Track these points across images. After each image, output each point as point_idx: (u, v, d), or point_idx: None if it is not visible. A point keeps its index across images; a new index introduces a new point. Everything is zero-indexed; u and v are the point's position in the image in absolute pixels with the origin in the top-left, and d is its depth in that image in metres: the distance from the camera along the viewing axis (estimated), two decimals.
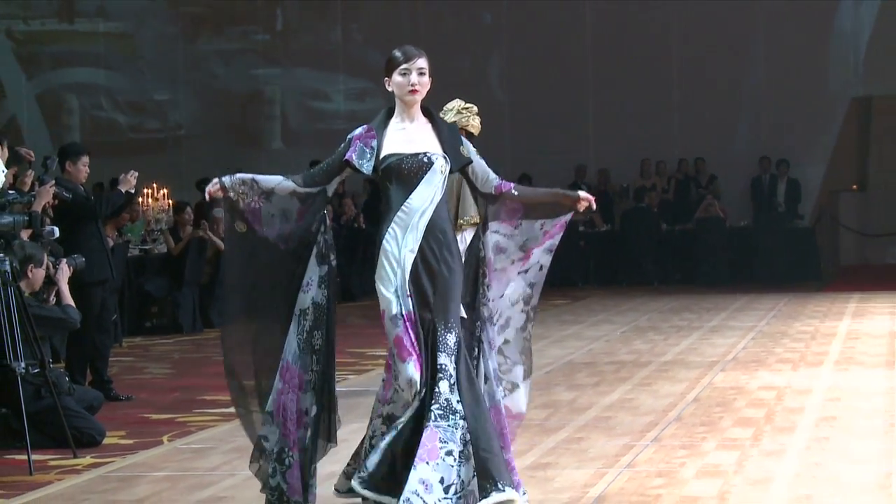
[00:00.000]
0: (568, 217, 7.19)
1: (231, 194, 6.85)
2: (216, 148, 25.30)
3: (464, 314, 7.13)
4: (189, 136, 26.27)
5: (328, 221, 7.06)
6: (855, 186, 25.70)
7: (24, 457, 9.00)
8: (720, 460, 8.71)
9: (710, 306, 19.04)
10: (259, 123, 26.61)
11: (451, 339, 6.77)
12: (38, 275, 10.41)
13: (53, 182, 10.99)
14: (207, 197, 7.11)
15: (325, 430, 6.93)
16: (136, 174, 12.00)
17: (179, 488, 8.43)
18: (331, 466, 7.47)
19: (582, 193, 7.16)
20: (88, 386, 11.43)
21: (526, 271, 7.22)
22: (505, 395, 7.19)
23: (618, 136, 25.27)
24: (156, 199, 18.05)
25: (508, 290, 7.18)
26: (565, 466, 8.44)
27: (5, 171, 10.24)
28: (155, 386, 12.88)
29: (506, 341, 7.21)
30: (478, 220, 8.24)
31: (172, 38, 26.66)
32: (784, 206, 24.61)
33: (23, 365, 9.25)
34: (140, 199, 12.14)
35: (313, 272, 6.89)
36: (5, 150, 10.57)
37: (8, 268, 9.14)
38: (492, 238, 7.13)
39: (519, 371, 7.27)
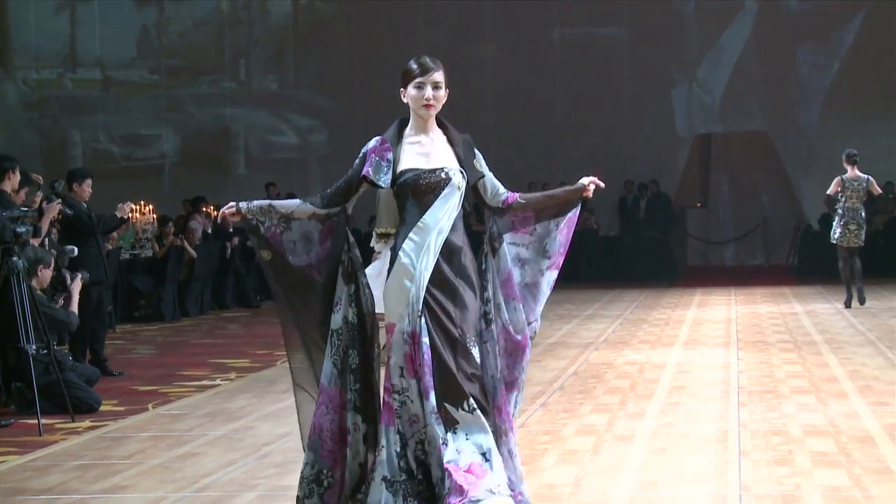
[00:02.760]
0: (577, 210, 5.92)
1: (249, 218, 5.60)
2: (192, 173, 25.22)
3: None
4: (171, 164, 26.19)
5: (351, 239, 5.70)
6: (699, 203, 25.92)
7: (35, 421, 9.00)
8: (594, 421, 8.72)
9: (587, 298, 19.08)
10: (227, 153, 26.50)
11: (475, 352, 5.48)
12: (45, 274, 10.46)
13: (59, 201, 11.04)
14: (220, 219, 6.33)
15: (374, 448, 5.56)
16: (131, 205, 12.01)
17: (161, 446, 8.37)
18: None
19: (584, 180, 5.89)
20: (87, 364, 11.35)
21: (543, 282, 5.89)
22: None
23: (508, 162, 25.23)
24: (143, 214, 18.06)
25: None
26: None
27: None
28: (142, 364, 12.78)
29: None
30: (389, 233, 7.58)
31: (156, 84, 26.57)
32: (644, 219, 24.78)
33: (33, 347, 9.27)
34: (131, 214, 12.09)
35: (341, 291, 5.59)
36: (18, 174, 10.45)
37: (21, 267, 9.19)
38: (510, 250, 5.81)
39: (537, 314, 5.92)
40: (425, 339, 5.39)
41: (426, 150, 5.60)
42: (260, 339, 15.00)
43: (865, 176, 16.42)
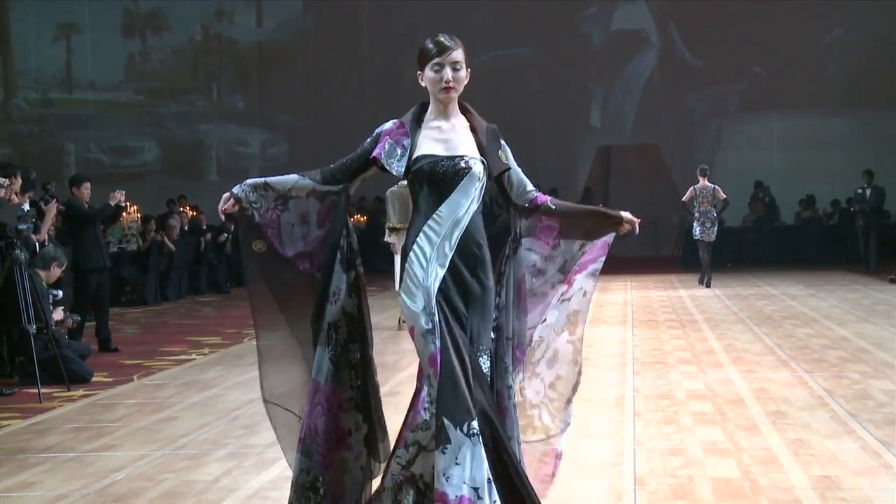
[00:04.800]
0: (610, 238, 4.72)
1: (244, 206, 4.44)
2: (171, 179, 25.11)
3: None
4: (152, 171, 26.06)
5: (350, 224, 4.52)
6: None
7: (36, 390, 8.92)
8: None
9: None
10: (201, 163, 26.43)
11: (485, 365, 4.32)
12: (55, 271, 10.41)
13: (55, 201, 11.07)
14: (222, 216, 4.57)
15: (375, 450, 4.50)
16: (123, 192, 11.90)
17: (145, 411, 8.31)
18: None
19: (625, 215, 4.70)
20: (83, 341, 11.27)
21: (569, 299, 4.69)
22: (555, 435, 4.71)
23: None
24: (129, 213, 17.93)
25: (550, 319, 4.70)
26: (390, 417, 8.39)
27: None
28: (128, 341, 12.66)
29: (558, 377, 4.74)
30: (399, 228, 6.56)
31: (140, 104, 26.44)
32: None
33: (34, 327, 9.22)
34: (125, 204, 12.04)
35: (340, 280, 4.40)
36: (20, 179, 10.34)
37: (22, 259, 9.21)
38: (527, 256, 4.61)
39: (570, 409, 4.76)
40: (438, 342, 4.19)
41: (446, 136, 4.36)
42: (230, 319, 14.96)
43: (712, 185, 17.95)
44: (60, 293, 10.82)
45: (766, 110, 25.63)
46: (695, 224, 17.89)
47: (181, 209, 19.89)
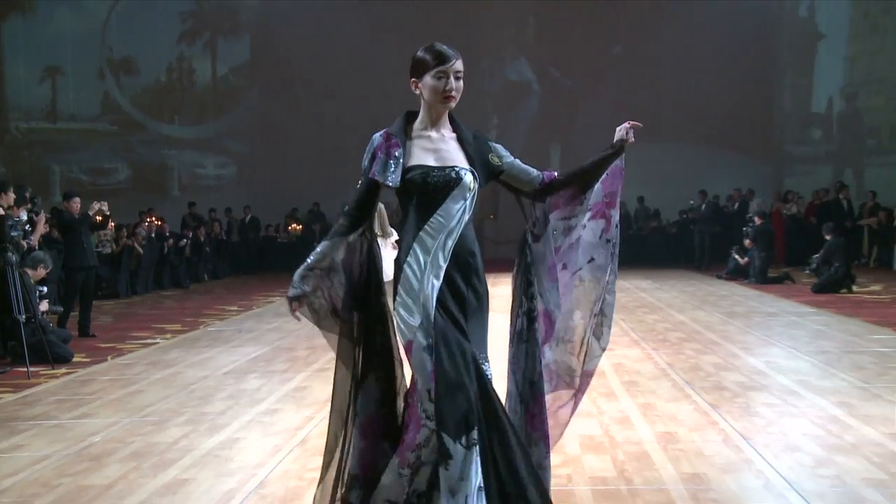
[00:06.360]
0: (621, 160, 3.77)
1: (311, 300, 3.51)
2: (140, 195, 24.62)
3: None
4: (124, 189, 25.54)
5: (379, 260, 3.63)
6: (491, 216, 26.15)
7: (25, 369, 8.79)
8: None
9: None
10: (165, 182, 26.00)
11: (489, 372, 3.58)
12: (41, 271, 10.28)
13: (42, 212, 10.98)
14: (297, 318, 3.54)
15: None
16: (106, 203, 11.68)
17: (116, 386, 8.15)
18: None
19: (620, 131, 3.76)
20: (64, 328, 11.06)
21: (612, 239, 3.79)
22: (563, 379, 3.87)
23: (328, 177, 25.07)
24: (113, 222, 17.67)
25: (598, 259, 3.78)
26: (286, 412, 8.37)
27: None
28: (103, 328, 12.41)
29: (605, 302, 3.83)
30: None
31: (115, 133, 25.94)
32: None
33: (23, 317, 9.08)
34: (104, 212, 11.81)
35: (371, 313, 3.57)
36: (12, 193, 10.12)
37: (13, 261, 9.12)
38: (560, 226, 3.78)
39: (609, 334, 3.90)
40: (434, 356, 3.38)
41: (436, 146, 3.57)
42: (188, 310, 14.75)
43: None
44: (45, 289, 10.63)
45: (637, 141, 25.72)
46: None
47: (149, 220, 19.73)
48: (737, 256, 18.10)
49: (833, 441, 5.60)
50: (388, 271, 3.56)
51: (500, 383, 3.70)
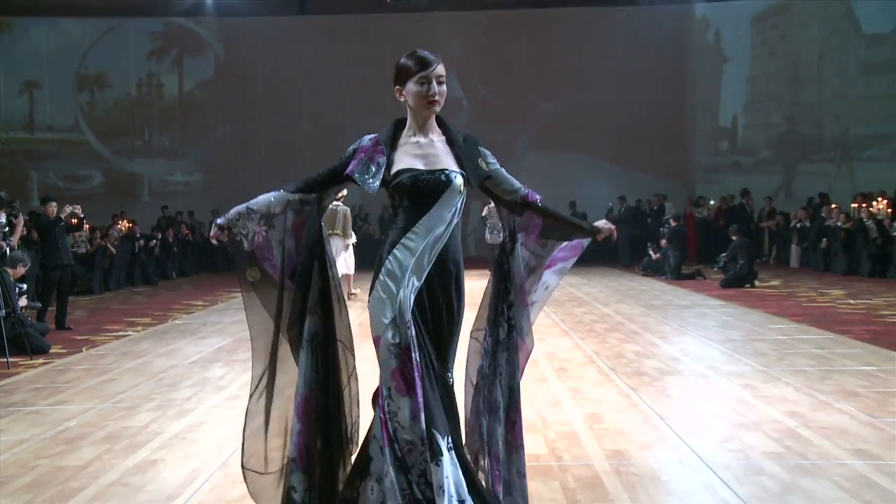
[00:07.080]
0: (586, 241, 3.57)
1: (234, 234, 3.26)
2: (113, 200, 24.23)
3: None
4: (98, 194, 25.10)
5: (325, 233, 3.38)
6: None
7: (5, 359, 8.60)
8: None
9: None
10: (135, 187, 25.61)
11: (451, 380, 3.32)
12: (20, 270, 10.11)
13: (21, 215, 10.77)
14: (215, 242, 3.31)
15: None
16: (79, 206, 11.63)
17: (91, 375, 8.00)
18: None
19: (601, 226, 3.54)
20: (42, 321, 10.83)
21: (534, 291, 3.58)
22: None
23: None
24: (86, 225, 17.36)
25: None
26: (247, 397, 8.30)
27: None
28: (78, 321, 12.17)
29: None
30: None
31: (89, 143, 25.49)
32: None
33: (3, 311, 8.87)
34: (76, 214, 11.63)
35: (316, 290, 3.31)
36: None
37: None
38: (521, 252, 3.51)
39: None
40: (416, 355, 3.12)
41: (425, 151, 3.28)
42: (157, 304, 14.52)
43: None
44: (24, 286, 10.41)
45: (553, 149, 25.88)
46: (486, 232, 16.96)
47: (120, 222, 19.50)
48: (651, 251, 18.44)
49: (738, 419, 5.69)
50: (342, 267, 3.48)
51: (461, 389, 3.58)
